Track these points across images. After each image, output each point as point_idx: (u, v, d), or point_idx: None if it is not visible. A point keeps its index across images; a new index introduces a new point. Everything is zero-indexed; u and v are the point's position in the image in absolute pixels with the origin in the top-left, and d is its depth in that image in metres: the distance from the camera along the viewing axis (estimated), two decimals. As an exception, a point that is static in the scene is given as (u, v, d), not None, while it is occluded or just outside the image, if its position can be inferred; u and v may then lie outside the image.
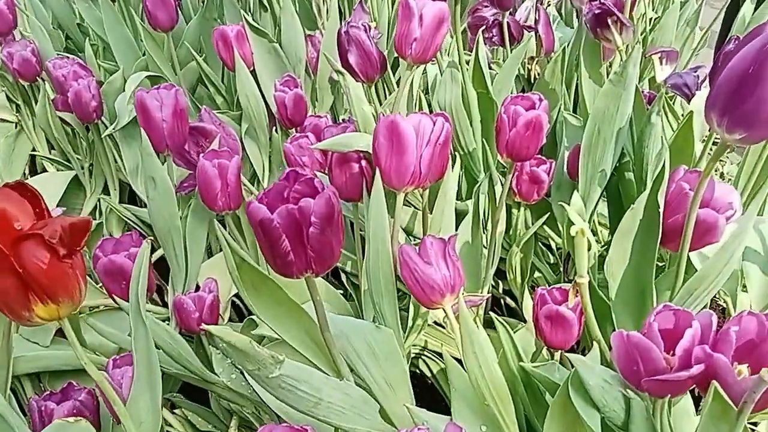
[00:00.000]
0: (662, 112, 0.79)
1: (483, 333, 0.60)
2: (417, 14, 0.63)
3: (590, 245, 0.81)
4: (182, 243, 0.79)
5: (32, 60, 1.16)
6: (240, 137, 1.03)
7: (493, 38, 0.93)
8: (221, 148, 0.77)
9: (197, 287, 0.85)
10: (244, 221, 0.85)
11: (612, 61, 0.86)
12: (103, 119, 1.12)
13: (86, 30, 1.46)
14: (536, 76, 0.96)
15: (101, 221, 1.13)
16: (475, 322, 0.79)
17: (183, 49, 1.18)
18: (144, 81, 1.09)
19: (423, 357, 0.88)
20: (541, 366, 0.52)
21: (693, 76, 0.77)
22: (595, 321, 0.52)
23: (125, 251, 0.67)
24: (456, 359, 0.56)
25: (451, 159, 0.80)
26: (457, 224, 0.77)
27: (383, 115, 0.55)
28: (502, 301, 1.04)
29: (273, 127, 1.01)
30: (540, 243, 1.01)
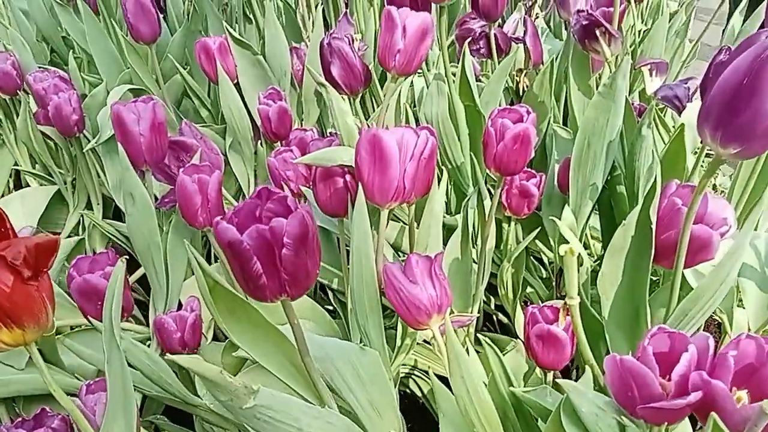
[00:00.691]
0: (653, 125, 0.78)
1: (472, 355, 0.58)
2: (400, 25, 0.62)
3: (582, 261, 0.79)
4: (162, 260, 0.77)
5: (12, 73, 1.14)
6: (224, 151, 1.01)
7: (481, 50, 0.91)
8: (202, 163, 0.75)
9: (180, 305, 0.83)
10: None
11: (601, 73, 0.84)
12: (86, 133, 1.10)
13: (71, 43, 1.45)
14: (525, 89, 0.94)
15: (84, 237, 1.10)
16: (465, 342, 0.78)
17: (168, 62, 1.16)
18: (127, 94, 1.07)
19: (413, 376, 0.86)
20: (532, 391, 0.50)
21: (684, 88, 0.76)
22: (587, 341, 0.50)
23: (101, 270, 0.65)
24: (445, 379, 0.54)
25: (439, 173, 0.78)
26: (447, 239, 0.75)
27: (366, 129, 0.53)
28: (494, 317, 1.02)
29: (258, 141, 0.99)
30: (532, 257, 1.00)
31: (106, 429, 0.52)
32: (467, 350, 0.57)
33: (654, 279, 0.76)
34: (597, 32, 0.73)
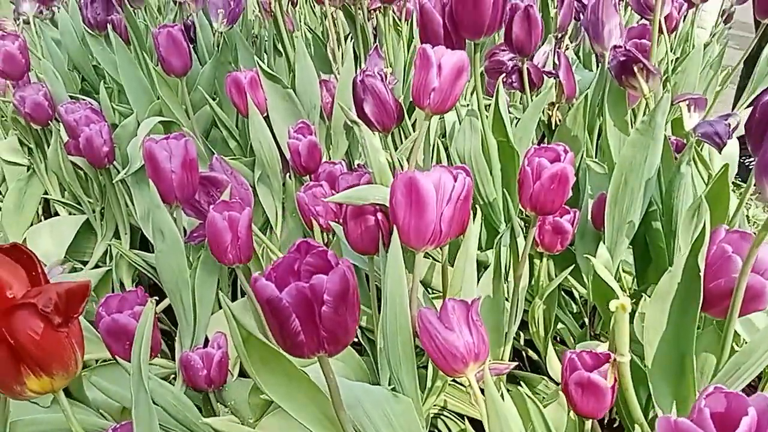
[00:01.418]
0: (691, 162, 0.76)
1: (510, 405, 0.56)
2: (435, 64, 0.61)
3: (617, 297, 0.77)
4: (191, 297, 0.76)
5: (44, 104, 1.15)
6: (253, 183, 1.01)
7: (513, 83, 0.90)
8: (232, 199, 0.74)
9: (206, 341, 0.82)
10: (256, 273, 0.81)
11: (636, 108, 0.83)
12: (115, 163, 1.10)
13: (101, 71, 1.46)
14: (557, 122, 0.93)
15: (111, 268, 1.10)
16: (499, 385, 0.75)
17: (197, 93, 1.17)
18: (157, 126, 1.07)
19: (442, 417, 0.84)
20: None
21: (724, 125, 0.74)
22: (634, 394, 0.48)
23: (129, 309, 0.64)
24: (477, 422, 0.51)
25: (472, 210, 0.76)
26: (478, 276, 0.74)
27: (401, 170, 0.52)
28: (524, 354, 1.00)
29: (287, 173, 0.98)
30: (561, 290, 0.97)
31: (133, 475, 0.51)
32: (502, 395, 0.55)
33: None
34: (635, 68, 0.72)
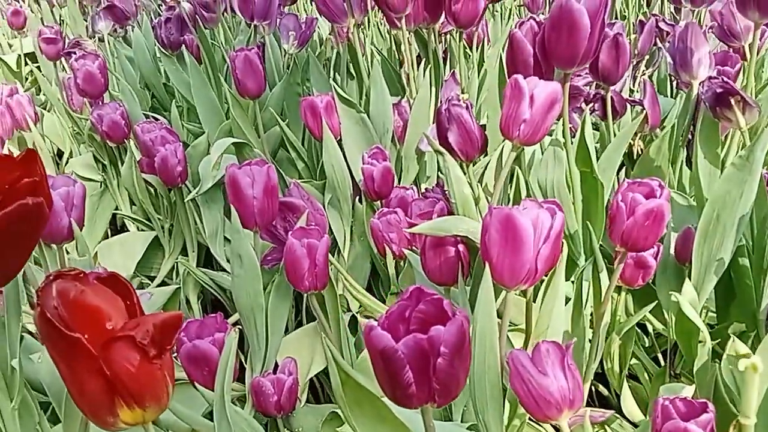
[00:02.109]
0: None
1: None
2: (528, 95, 0.59)
3: (705, 340, 0.74)
4: (264, 322, 0.76)
5: (121, 123, 1.17)
6: (322, 205, 1.01)
7: (595, 111, 0.88)
8: (309, 225, 0.74)
9: (276, 366, 0.82)
10: (327, 299, 0.81)
11: (727, 141, 0.79)
12: (186, 182, 1.12)
13: (171, 90, 1.50)
14: (639, 152, 0.90)
15: (179, 285, 1.11)
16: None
17: (266, 113, 1.18)
18: (229, 146, 1.08)
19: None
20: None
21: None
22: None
23: (210, 336, 0.64)
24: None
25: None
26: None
27: (495, 207, 0.50)
28: (593, 388, 0.96)
29: (356, 197, 0.98)
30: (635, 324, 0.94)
31: None
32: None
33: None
34: (732, 100, 0.69)
